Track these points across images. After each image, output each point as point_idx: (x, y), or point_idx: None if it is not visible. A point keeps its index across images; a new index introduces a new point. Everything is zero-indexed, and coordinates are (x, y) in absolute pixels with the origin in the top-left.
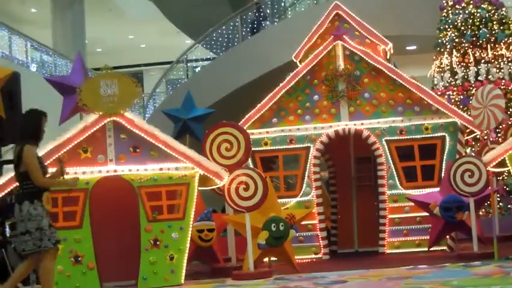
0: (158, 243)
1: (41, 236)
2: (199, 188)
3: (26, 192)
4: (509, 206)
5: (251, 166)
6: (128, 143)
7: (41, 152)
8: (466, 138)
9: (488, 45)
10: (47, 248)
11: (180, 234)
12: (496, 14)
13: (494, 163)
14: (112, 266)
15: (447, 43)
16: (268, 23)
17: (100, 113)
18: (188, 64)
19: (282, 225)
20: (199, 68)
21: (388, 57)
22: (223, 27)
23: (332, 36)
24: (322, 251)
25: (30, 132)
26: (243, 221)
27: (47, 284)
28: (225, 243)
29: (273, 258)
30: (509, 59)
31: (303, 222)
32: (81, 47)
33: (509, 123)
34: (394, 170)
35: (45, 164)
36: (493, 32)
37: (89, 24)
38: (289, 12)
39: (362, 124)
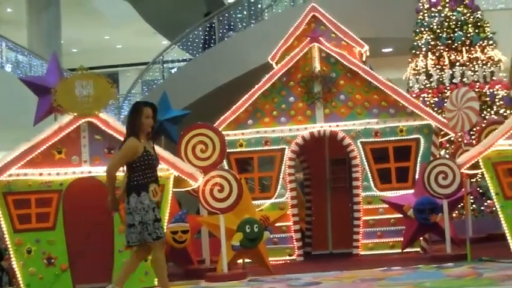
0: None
1: (141, 230)
2: (174, 190)
3: (133, 185)
4: (482, 208)
5: (226, 168)
6: (103, 144)
7: (15, 153)
8: (440, 140)
9: (463, 48)
10: (149, 242)
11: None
12: (472, 17)
13: (468, 165)
14: (86, 268)
15: (422, 46)
16: (232, 32)
17: (75, 114)
18: (165, 65)
19: (256, 227)
20: (175, 69)
21: (364, 59)
22: (200, 29)
23: (308, 38)
24: (296, 252)
25: (129, 126)
26: (217, 223)
27: (160, 276)
28: (199, 244)
29: (247, 260)
30: (484, 62)
31: (277, 224)
32: (57, 48)
33: (483, 125)
34: (369, 172)
35: (148, 158)
36: (468, 35)
37: (65, 24)
38: (266, 14)
39: (337, 126)
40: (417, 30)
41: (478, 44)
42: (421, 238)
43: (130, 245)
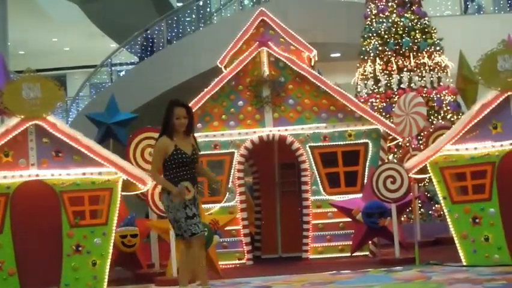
0: (80, 248)
1: (177, 227)
2: (123, 193)
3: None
4: (430, 212)
5: None
6: (51, 147)
7: None
8: (388, 145)
9: (411, 54)
10: (185, 238)
11: (103, 240)
12: (419, 23)
13: (416, 170)
14: (34, 272)
15: (370, 51)
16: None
17: (22, 117)
18: (113, 68)
19: (205, 231)
20: (123, 72)
21: (313, 64)
22: (148, 32)
23: (257, 43)
24: (246, 256)
25: (162, 125)
26: (166, 227)
27: (199, 273)
28: (148, 249)
29: None
30: (431, 68)
31: (227, 228)
32: (3, 49)
33: (431, 130)
34: (318, 176)
35: (179, 156)
36: (416, 41)
37: (12, 26)
38: (215, 18)
39: (286, 130)
40: (365, 36)
41: (425, 50)
42: (370, 242)
43: (176, 238)
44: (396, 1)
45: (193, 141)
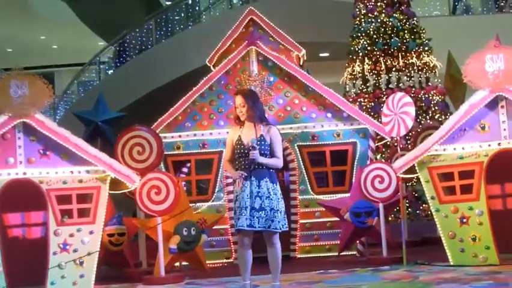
0: (67, 247)
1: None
2: (110, 192)
3: None
4: (417, 211)
5: (163, 170)
6: (39, 145)
7: None
8: (376, 144)
9: (400, 54)
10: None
11: (90, 238)
12: (408, 23)
13: (404, 169)
14: (21, 270)
15: (359, 51)
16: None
17: (10, 115)
18: (101, 66)
19: (193, 230)
20: (112, 71)
21: (301, 63)
22: (137, 30)
23: (246, 42)
24: (233, 255)
25: None
26: (154, 226)
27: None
28: (136, 247)
29: (184, 263)
30: (420, 68)
31: (214, 227)
32: None
33: (419, 130)
34: (306, 176)
35: (239, 147)
36: (404, 41)
37: (0, 23)
38: (204, 17)
39: None
40: (354, 36)
41: (414, 50)
42: (357, 241)
43: None
44: (385, 1)
45: (262, 131)
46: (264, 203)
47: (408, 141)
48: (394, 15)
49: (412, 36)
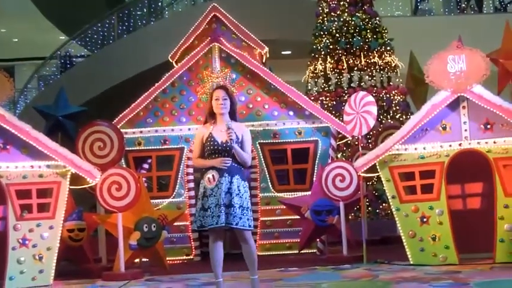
0: (27, 242)
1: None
2: (71, 187)
3: (201, 172)
4: (377, 210)
5: (124, 166)
6: None
7: None
8: (338, 143)
9: (362, 53)
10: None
11: (50, 234)
12: (370, 23)
13: (364, 168)
14: None
15: (322, 49)
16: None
17: None
18: (62, 61)
19: (154, 226)
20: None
21: (264, 61)
22: (99, 25)
23: (209, 38)
24: (194, 252)
25: None
26: (114, 221)
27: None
28: (95, 243)
29: (144, 259)
30: (382, 67)
31: (175, 223)
32: None
33: (380, 129)
34: (267, 173)
35: (211, 143)
36: (367, 40)
37: None
38: (167, 12)
39: None
40: (317, 34)
41: (376, 50)
42: (318, 240)
43: None
44: (347, 0)
45: (234, 128)
46: (234, 200)
47: (370, 141)
48: (357, 14)
49: (374, 36)
